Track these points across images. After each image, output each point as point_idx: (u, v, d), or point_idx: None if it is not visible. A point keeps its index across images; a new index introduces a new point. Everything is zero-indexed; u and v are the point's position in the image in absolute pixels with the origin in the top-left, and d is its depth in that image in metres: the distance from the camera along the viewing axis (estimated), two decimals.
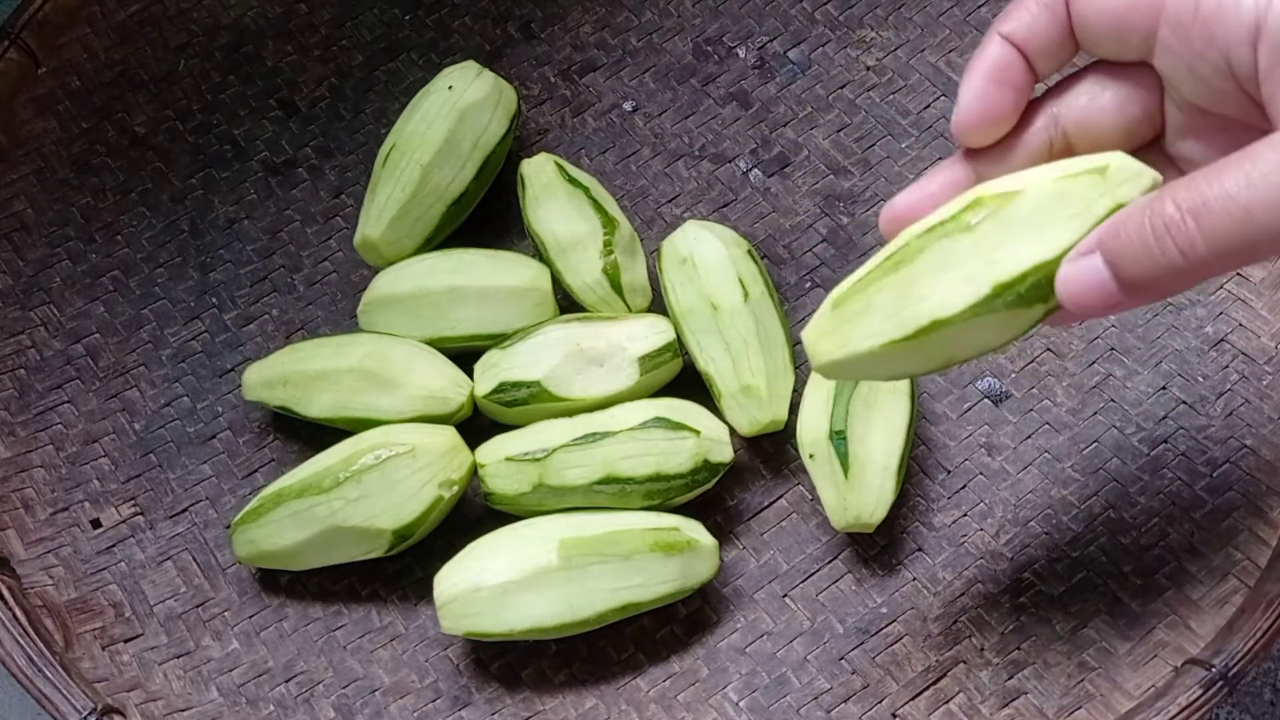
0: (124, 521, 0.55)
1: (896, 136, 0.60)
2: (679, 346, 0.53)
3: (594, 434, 0.51)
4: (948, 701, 0.49)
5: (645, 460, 0.50)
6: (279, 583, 0.53)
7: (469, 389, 0.53)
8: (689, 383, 0.54)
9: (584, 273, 0.54)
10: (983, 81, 0.41)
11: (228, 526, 0.54)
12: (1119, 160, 0.38)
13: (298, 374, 0.53)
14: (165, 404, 0.57)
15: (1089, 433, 0.53)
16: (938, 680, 0.50)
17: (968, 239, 0.38)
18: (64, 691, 0.48)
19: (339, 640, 0.52)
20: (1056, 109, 0.41)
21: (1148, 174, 0.38)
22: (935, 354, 0.40)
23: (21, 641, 0.49)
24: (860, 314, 0.40)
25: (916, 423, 0.53)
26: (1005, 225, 0.38)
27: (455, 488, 0.51)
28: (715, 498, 0.53)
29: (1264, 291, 0.55)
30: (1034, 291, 0.38)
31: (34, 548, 0.54)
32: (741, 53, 0.62)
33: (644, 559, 0.49)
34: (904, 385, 0.52)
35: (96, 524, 0.55)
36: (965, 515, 0.53)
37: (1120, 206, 0.37)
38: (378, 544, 0.51)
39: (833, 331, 0.41)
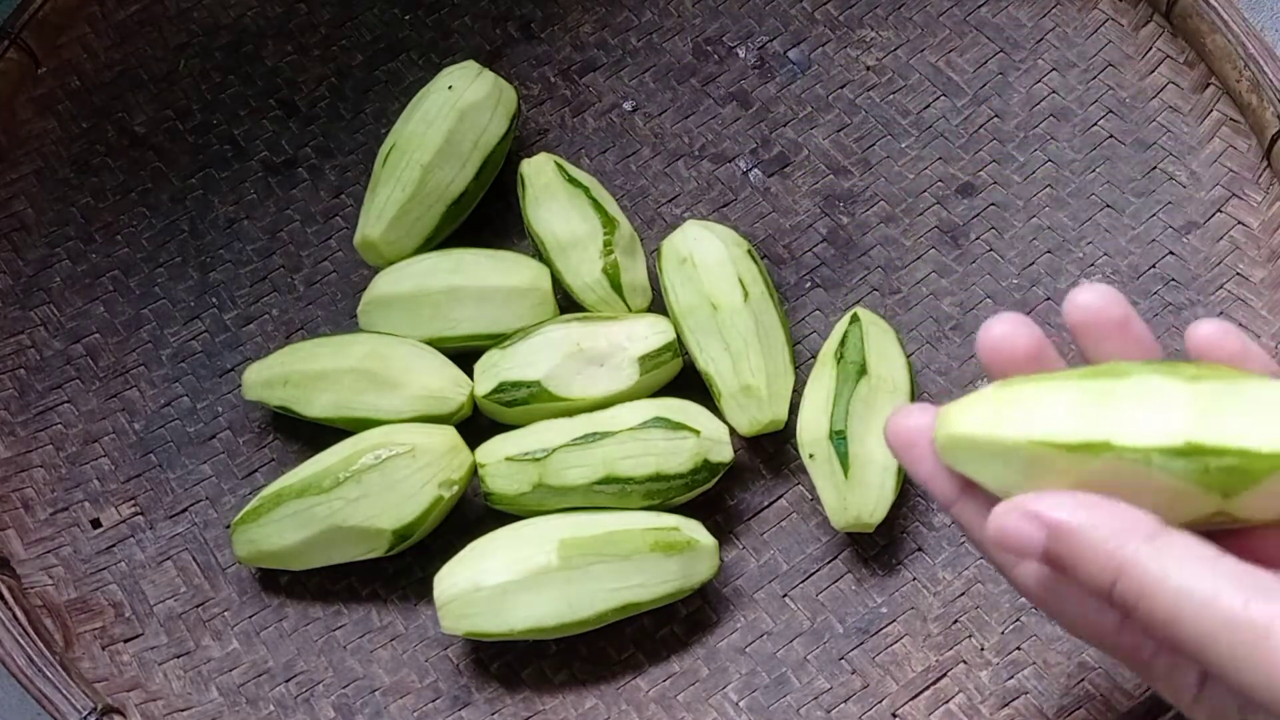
0: (124, 521, 0.55)
1: (896, 136, 0.60)
2: (679, 346, 0.53)
3: (594, 434, 0.50)
4: (948, 701, 0.49)
5: (645, 460, 0.50)
6: (279, 583, 0.53)
7: (469, 389, 0.53)
8: (689, 383, 0.54)
9: (584, 273, 0.54)
10: None
11: (228, 526, 0.54)
12: None
13: (298, 374, 0.53)
14: (165, 404, 0.57)
15: None
16: (938, 680, 0.50)
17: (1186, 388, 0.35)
18: (64, 691, 0.48)
19: (339, 640, 0.52)
20: None
21: None
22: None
23: (21, 641, 0.49)
24: (1025, 402, 0.36)
25: None
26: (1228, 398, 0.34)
27: (455, 488, 0.51)
28: (715, 498, 0.53)
29: (1264, 291, 0.55)
30: (1226, 477, 0.34)
31: (34, 548, 0.54)
32: (741, 53, 0.62)
33: (644, 559, 0.49)
34: (904, 385, 0.52)
35: (96, 524, 0.55)
36: None
37: None
38: (378, 544, 0.51)
39: (977, 407, 0.37)
